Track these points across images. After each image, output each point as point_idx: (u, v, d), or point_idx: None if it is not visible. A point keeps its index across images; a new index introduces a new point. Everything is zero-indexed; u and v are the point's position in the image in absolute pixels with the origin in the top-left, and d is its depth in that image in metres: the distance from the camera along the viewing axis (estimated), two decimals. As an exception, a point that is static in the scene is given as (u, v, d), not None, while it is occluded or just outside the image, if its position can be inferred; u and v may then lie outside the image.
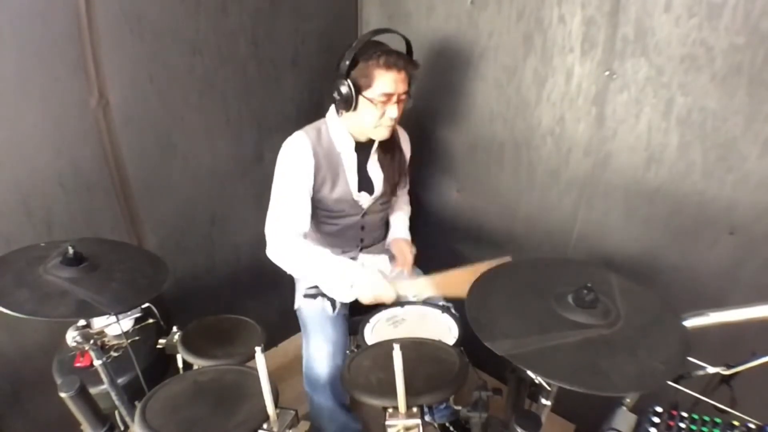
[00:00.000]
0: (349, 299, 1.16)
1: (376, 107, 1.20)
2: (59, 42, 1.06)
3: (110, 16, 1.11)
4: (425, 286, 1.22)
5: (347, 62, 1.16)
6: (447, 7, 1.44)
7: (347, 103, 1.20)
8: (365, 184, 1.36)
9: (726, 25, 1.00)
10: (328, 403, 1.27)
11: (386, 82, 1.17)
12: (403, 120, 1.44)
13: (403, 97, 1.23)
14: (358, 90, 1.18)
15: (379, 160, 1.37)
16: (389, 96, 1.19)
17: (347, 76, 1.17)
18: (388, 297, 1.14)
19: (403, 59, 1.19)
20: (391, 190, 1.41)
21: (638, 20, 1.11)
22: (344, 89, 1.18)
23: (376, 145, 1.34)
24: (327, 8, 1.56)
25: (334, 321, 1.28)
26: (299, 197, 1.24)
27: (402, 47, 1.23)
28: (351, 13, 1.66)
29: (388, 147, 1.36)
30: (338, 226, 1.38)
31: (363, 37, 1.18)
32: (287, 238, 1.20)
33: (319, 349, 1.24)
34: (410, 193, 1.61)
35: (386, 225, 1.55)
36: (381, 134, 1.28)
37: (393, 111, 1.21)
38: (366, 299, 1.14)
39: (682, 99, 1.10)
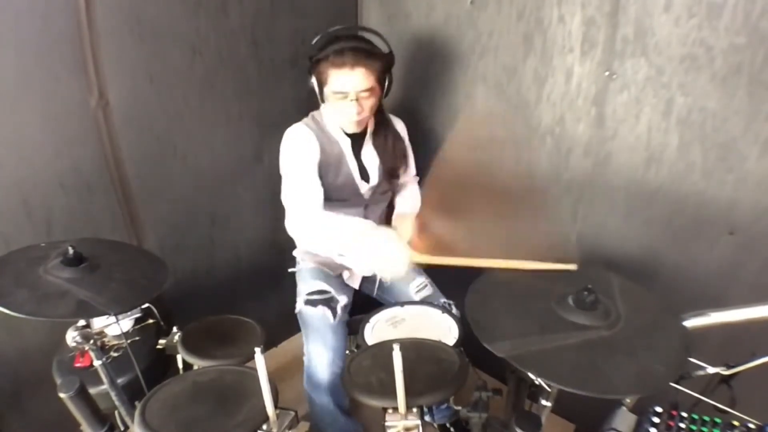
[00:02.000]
0: (368, 272, 1.13)
1: (333, 104, 1.21)
2: (59, 42, 1.06)
3: (110, 16, 1.11)
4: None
5: (308, 58, 1.18)
6: (447, 7, 1.43)
7: (317, 98, 1.23)
8: (362, 172, 1.36)
9: (726, 25, 1.00)
10: (329, 407, 1.27)
11: (338, 80, 1.16)
12: (404, 119, 1.44)
13: (364, 95, 1.18)
14: (320, 86, 1.20)
15: (375, 146, 1.36)
16: (344, 94, 1.17)
17: (310, 72, 1.20)
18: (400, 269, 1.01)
19: (358, 56, 1.13)
20: (389, 175, 1.40)
21: (638, 20, 1.10)
22: (311, 84, 1.21)
23: (369, 133, 1.34)
24: (327, 8, 1.56)
25: (335, 328, 1.28)
26: (311, 174, 1.24)
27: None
28: (351, 13, 1.66)
29: (379, 133, 1.35)
30: None
31: (324, 34, 1.17)
32: (308, 210, 1.20)
33: (319, 356, 1.24)
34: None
35: (388, 218, 1.55)
36: (349, 128, 1.29)
37: (351, 107, 1.18)
38: (382, 272, 1.04)
39: (682, 99, 1.10)
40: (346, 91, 1.16)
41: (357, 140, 1.33)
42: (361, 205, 1.39)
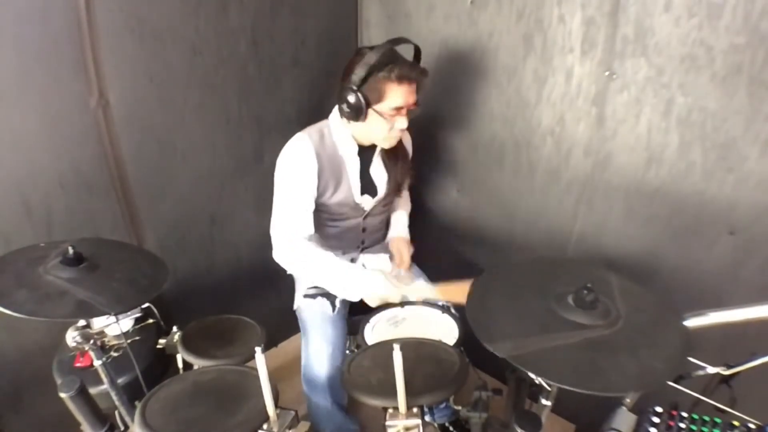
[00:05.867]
0: (355, 299, 1.17)
1: (386, 120, 1.19)
2: (59, 42, 1.06)
3: (110, 16, 1.11)
4: (430, 290, 1.23)
5: (360, 75, 1.13)
6: (447, 7, 1.43)
7: (356, 115, 1.18)
8: (368, 187, 1.35)
9: (726, 25, 1.00)
10: (326, 404, 1.27)
11: (398, 95, 1.16)
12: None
13: (413, 107, 1.22)
14: (368, 103, 1.16)
15: (384, 162, 1.37)
16: (399, 109, 1.19)
17: (358, 88, 1.14)
18: (393, 299, 1.16)
19: (415, 70, 1.17)
20: (395, 190, 1.41)
21: (638, 20, 1.11)
22: (354, 102, 1.16)
23: (379, 148, 1.34)
24: (327, 8, 1.56)
25: (334, 321, 1.28)
26: (304, 200, 1.23)
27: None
28: (351, 13, 1.66)
29: (393, 149, 1.35)
30: (339, 228, 1.38)
31: (378, 49, 1.13)
32: (294, 242, 1.21)
33: (318, 350, 1.24)
34: (410, 192, 1.61)
35: (387, 225, 1.55)
36: (389, 144, 1.28)
37: (402, 122, 1.21)
38: (373, 302, 1.16)
39: (682, 99, 1.10)
40: (403, 106, 1.18)
41: (367, 155, 1.33)
42: (360, 217, 1.39)
